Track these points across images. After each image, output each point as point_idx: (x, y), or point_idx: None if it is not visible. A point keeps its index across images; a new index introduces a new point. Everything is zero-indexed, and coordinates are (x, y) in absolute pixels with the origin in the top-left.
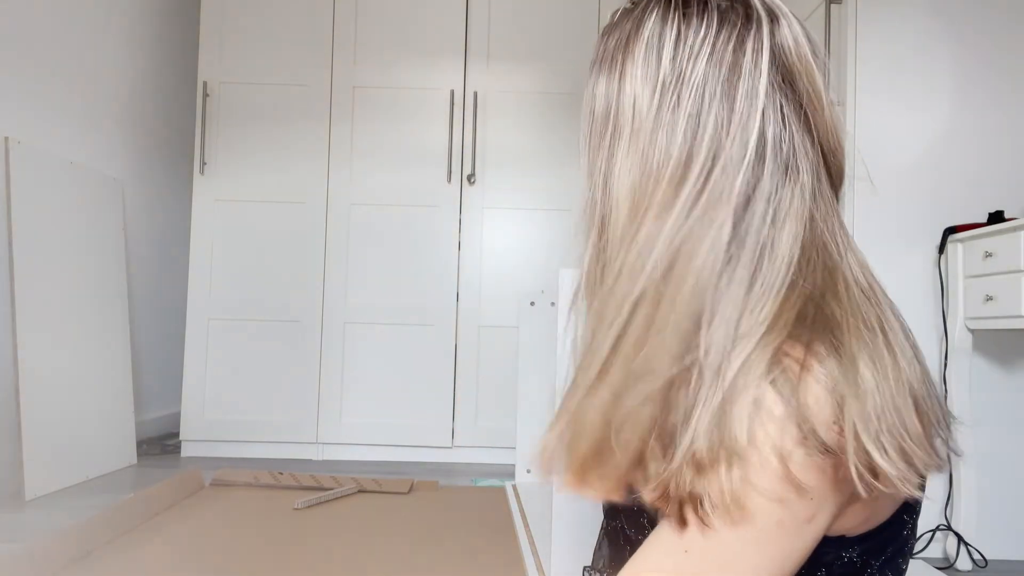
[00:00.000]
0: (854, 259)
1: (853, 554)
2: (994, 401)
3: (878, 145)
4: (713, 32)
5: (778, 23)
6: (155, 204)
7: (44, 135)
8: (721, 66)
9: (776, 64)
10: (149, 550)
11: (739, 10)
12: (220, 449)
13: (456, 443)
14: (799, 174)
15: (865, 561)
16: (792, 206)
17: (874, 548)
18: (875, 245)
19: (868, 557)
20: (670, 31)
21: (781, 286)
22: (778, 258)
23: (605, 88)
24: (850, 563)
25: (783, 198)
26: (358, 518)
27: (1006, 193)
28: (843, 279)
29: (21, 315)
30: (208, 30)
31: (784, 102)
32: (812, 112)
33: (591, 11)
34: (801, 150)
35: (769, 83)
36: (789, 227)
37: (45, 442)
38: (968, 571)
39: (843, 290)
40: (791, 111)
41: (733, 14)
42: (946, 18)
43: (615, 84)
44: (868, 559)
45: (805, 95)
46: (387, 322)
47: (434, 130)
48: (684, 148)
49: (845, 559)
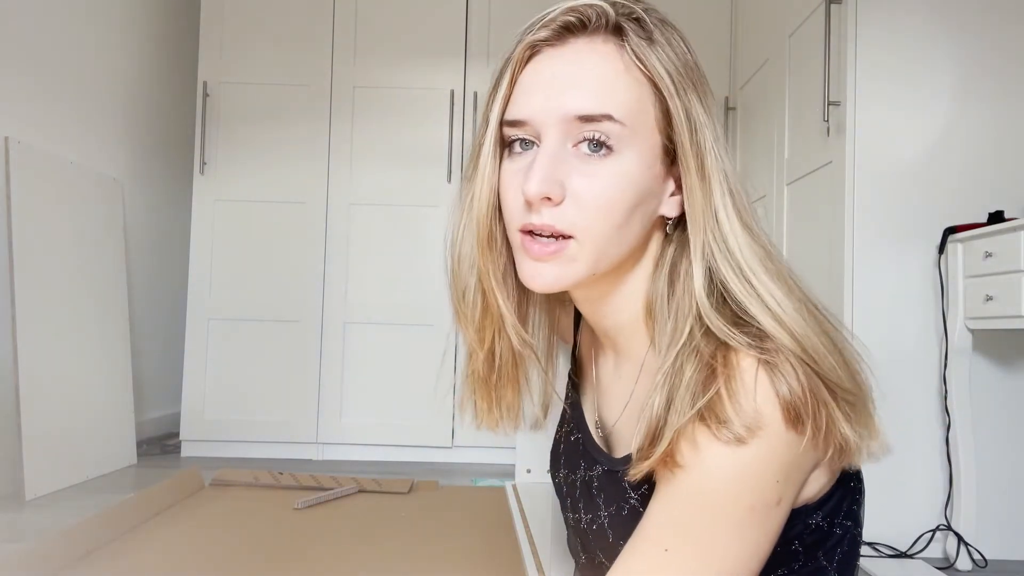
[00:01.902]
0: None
1: (818, 518)
2: (994, 401)
3: (878, 145)
4: None
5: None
6: (155, 204)
7: (44, 135)
8: None
9: None
10: (149, 550)
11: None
12: (220, 449)
13: (456, 443)
14: None
15: (831, 522)
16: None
17: (835, 507)
18: (875, 245)
19: (832, 517)
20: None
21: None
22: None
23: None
24: (818, 528)
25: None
26: (358, 518)
27: (1006, 193)
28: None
29: (21, 315)
30: (208, 30)
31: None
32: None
33: None
34: None
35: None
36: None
37: (45, 442)
38: (968, 571)
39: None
40: None
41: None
42: (946, 18)
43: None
44: (833, 519)
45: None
46: (387, 322)
47: (434, 130)
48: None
49: (812, 525)
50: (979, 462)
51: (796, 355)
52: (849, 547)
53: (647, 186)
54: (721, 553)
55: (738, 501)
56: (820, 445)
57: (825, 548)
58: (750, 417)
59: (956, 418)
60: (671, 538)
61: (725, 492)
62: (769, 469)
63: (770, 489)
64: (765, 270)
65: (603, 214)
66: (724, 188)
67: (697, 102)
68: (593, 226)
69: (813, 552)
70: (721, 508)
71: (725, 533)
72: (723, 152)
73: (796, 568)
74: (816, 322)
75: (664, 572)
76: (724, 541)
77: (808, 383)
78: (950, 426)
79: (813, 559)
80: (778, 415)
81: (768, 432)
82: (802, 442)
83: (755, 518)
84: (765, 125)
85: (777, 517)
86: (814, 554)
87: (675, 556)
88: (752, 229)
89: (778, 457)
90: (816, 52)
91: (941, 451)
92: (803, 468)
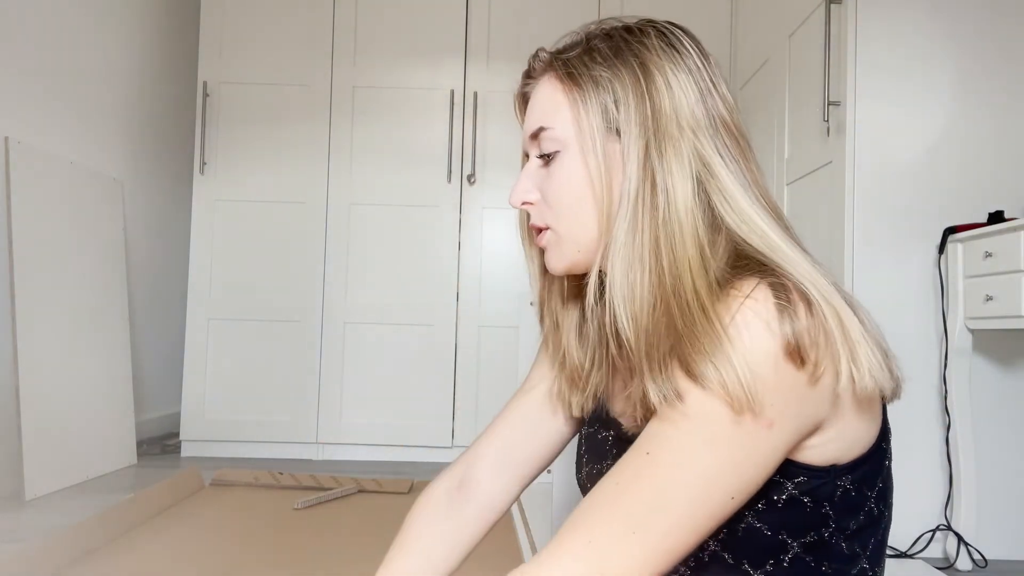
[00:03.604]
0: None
1: (847, 482)
2: (994, 401)
3: (878, 145)
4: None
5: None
6: (155, 204)
7: (44, 135)
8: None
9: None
10: (149, 550)
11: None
12: (220, 449)
13: (456, 443)
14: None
15: (860, 491)
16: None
17: (865, 477)
18: (875, 245)
19: (862, 487)
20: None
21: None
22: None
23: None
24: (846, 493)
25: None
26: (358, 518)
27: (1006, 193)
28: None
29: (21, 315)
30: (208, 30)
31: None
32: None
33: (591, 12)
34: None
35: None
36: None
37: (45, 442)
38: (968, 571)
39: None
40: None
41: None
42: (946, 18)
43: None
44: (863, 489)
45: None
46: (387, 322)
47: (434, 130)
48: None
49: (841, 489)
50: (979, 462)
51: (799, 288)
52: (882, 537)
53: (598, 169)
54: (697, 460)
55: (722, 411)
56: (822, 380)
57: (858, 523)
58: (745, 345)
59: (956, 418)
60: (653, 443)
61: (710, 400)
62: (759, 387)
63: (758, 408)
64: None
65: (562, 205)
66: (650, 142)
67: (629, 79)
68: (558, 216)
69: (843, 522)
70: (704, 418)
71: (705, 441)
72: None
73: (828, 538)
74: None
75: (644, 473)
76: (702, 449)
77: (808, 315)
78: (950, 426)
79: (843, 536)
80: (775, 342)
81: (761, 355)
82: (799, 372)
83: (739, 433)
84: (765, 125)
85: (768, 443)
86: (844, 526)
87: (654, 459)
88: (668, 177)
89: (770, 379)
90: (816, 52)
91: (941, 451)
92: (803, 401)
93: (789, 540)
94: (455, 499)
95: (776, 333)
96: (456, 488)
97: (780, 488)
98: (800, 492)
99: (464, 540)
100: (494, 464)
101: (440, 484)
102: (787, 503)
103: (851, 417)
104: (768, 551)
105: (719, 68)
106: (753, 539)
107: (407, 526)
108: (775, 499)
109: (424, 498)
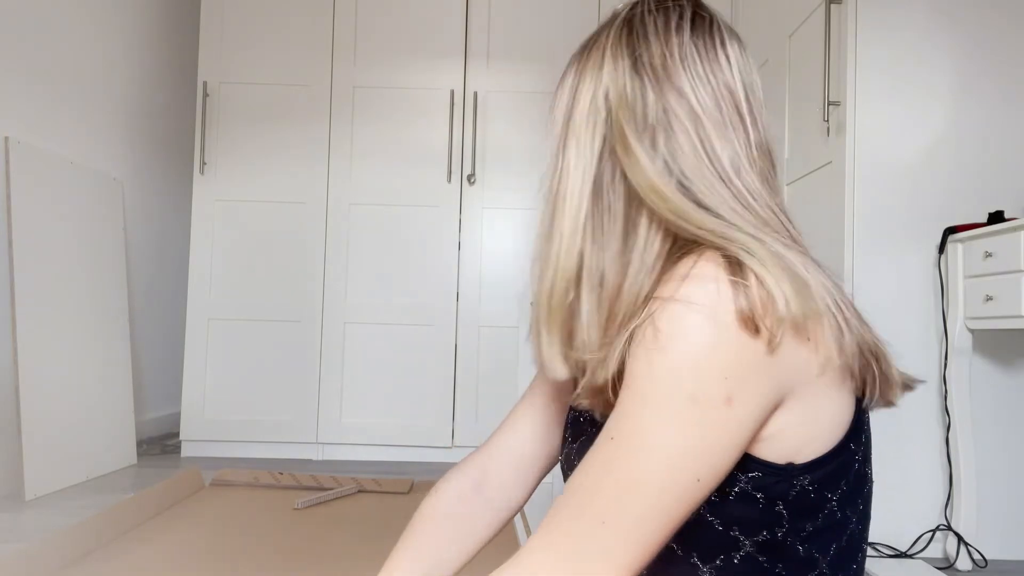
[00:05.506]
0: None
1: (805, 482)
2: (994, 401)
3: (878, 145)
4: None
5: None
6: (155, 204)
7: (44, 135)
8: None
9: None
10: (149, 550)
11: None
12: (220, 449)
13: (456, 443)
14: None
15: (820, 493)
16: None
17: (826, 479)
18: (875, 245)
19: (823, 489)
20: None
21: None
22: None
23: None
24: (804, 494)
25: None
26: (358, 518)
27: (1006, 193)
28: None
29: (21, 315)
30: (208, 30)
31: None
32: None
33: (591, 11)
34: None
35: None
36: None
37: (45, 442)
38: (968, 571)
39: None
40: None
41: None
42: (946, 18)
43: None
44: (823, 491)
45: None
46: (387, 322)
47: (434, 130)
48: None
49: (797, 488)
50: (979, 462)
51: (760, 260)
52: (847, 543)
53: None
54: (658, 442)
55: (678, 389)
56: (781, 349)
57: (816, 525)
58: (702, 309)
59: (956, 418)
60: (616, 427)
61: (665, 379)
62: (714, 361)
63: (715, 383)
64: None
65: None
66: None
67: (627, 69)
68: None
69: (799, 523)
70: (664, 395)
71: (664, 422)
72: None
73: (782, 539)
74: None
75: (611, 458)
76: (662, 430)
77: (759, 284)
78: (950, 426)
79: (799, 538)
80: (730, 310)
81: (716, 325)
82: (756, 344)
83: (698, 411)
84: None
85: (730, 421)
86: (800, 528)
87: (618, 443)
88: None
89: (725, 351)
90: (816, 52)
91: (941, 451)
92: (763, 372)
93: (741, 537)
94: (470, 500)
95: (729, 306)
96: (471, 489)
97: (733, 481)
98: (752, 487)
99: (476, 540)
100: (511, 464)
101: (451, 485)
102: (739, 497)
103: (818, 392)
104: (719, 547)
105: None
106: (703, 532)
107: (418, 526)
108: (727, 492)
109: (434, 498)
